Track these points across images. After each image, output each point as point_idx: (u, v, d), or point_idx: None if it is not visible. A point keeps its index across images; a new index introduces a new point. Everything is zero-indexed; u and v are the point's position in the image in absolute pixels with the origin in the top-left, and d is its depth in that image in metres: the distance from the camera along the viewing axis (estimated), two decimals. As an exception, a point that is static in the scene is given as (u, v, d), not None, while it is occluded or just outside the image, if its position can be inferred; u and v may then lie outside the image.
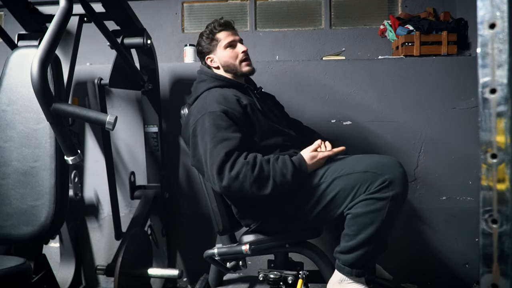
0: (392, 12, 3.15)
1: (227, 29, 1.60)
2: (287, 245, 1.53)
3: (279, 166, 1.34)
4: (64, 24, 1.21)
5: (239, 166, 1.31)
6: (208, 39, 1.60)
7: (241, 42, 1.62)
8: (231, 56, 1.58)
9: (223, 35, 1.59)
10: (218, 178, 1.31)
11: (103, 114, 1.19)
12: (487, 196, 0.62)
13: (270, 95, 1.78)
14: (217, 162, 1.31)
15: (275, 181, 1.32)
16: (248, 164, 1.31)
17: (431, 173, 2.08)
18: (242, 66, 1.59)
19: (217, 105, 1.42)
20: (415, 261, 2.09)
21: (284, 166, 1.34)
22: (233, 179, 1.30)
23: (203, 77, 1.60)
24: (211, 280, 1.75)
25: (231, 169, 1.30)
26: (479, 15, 0.61)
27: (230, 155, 1.32)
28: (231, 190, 1.32)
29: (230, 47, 1.59)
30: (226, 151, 1.32)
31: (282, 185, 1.33)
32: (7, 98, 1.48)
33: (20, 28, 1.73)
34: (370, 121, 2.10)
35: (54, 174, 1.41)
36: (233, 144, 1.34)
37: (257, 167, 1.32)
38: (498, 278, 0.61)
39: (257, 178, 1.31)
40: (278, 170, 1.33)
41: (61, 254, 2.11)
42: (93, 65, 2.37)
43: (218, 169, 1.31)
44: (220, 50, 1.59)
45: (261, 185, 1.32)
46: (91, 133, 2.22)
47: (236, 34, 1.62)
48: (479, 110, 0.62)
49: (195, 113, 1.47)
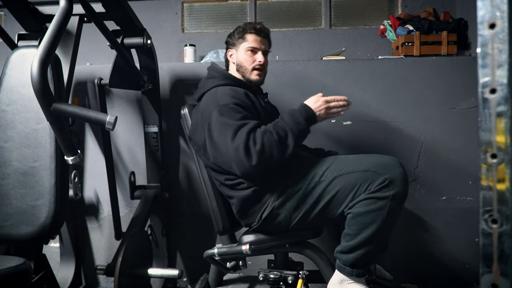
0: (392, 12, 3.15)
1: (258, 34, 1.62)
2: (287, 245, 1.53)
3: (289, 118, 1.39)
4: (64, 24, 1.21)
5: (260, 138, 1.33)
6: (238, 35, 1.63)
7: (264, 53, 1.63)
8: (247, 60, 1.60)
9: (251, 38, 1.61)
10: (247, 159, 1.32)
11: (103, 114, 1.19)
12: (487, 196, 0.62)
13: (273, 106, 1.79)
14: (242, 144, 1.32)
15: (293, 132, 1.36)
16: (265, 133, 1.34)
17: (431, 173, 2.08)
18: (252, 74, 1.61)
19: (229, 98, 1.44)
20: (415, 261, 2.09)
21: (293, 116, 1.39)
22: (260, 152, 1.31)
23: (213, 74, 1.61)
24: (211, 280, 1.75)
25: (255, 144, 1.32)
26: (479, 15, 0.61)
27: (250, 134, 1.34)
28: (263, 164, 1.33)
29: (251, 52, 1.61)
30: (247, 131, 1.34)
31: (300, 135, 1.38)
32: (7, 98, 1.48)
33: (20, 28, 1.73)
34: (370, 121, 2.10)
35: (54, 174, 1.41)
36: (251, 126, 1.36)
37: (273, 130, 1.35)
38: (498, 278, 0.61)
39: (279, 139, 1.34)
40: (290, 122, 1.38)
41: (61, 254, 2.11)
42: (93, 65, 2.37)
43: (244, 149, 1.32)
44: (241, 50, 1.62)
45: (284, 144, 1.35)
46: (91, 133, 2.22)
47: (264, 43, 1.63)
48: (479, 110, 0.61)
49: (207, 108, 1.46)
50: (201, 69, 1.72)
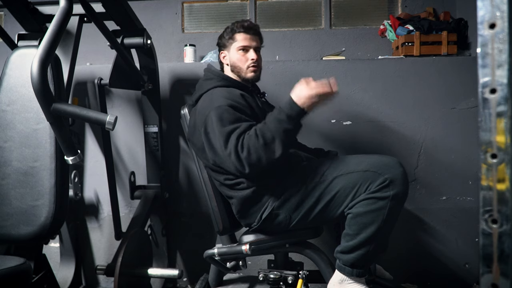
0: (392, 12, 3.15)
1: (247, 32, 1.61)
2: (287, 245, 1.53)
3: (272, 120, 1.36)
4: (64, 24, 1.21)
5: (246, 144, 1.33)
6: (228, 36, 1.63)
7: (256, 50, 1.62)
8: (240, 59, 1.60)
9: (240, 37, 1.61)
10: (240, 164, 1.33)
11: (103, 114, 1.19)
12: (487, 196, 0.62)
13: (271, 105, 1.79)
14: (233, 150, 1.33)
15: (279, 134, 1.34)
16: (250, 137, 1.34)
17: (431, 173, 2.08)
18: (247, 72, 1.61)
19: (223, 100, 1.44)
20: (415, 261, 2.09)
21: (275, 118, 1.36)
22: (248, 158, 1.32)
23: (210, 75, 1.61)
24: (211, 280, 1.75)
25: (242, 150, 1.33)
26: (479, 15, 0.61)
27: (239, 139, 1.35)
28: (254, 168, 1.33)
29: (242, 51, 1.60)
30: (236, 136, 1.35)
31: (286, 134, 1.34)
32: (7, 98, 1.48)
33: (20, 28, 1.73)
34: (370, 121, 2.10)
35: (54, 174, 1.41)
36: (241, 130, 1.36)
37: (259, 133, 1.34)
38: (498, 278, 0.61)
39: (264, 142, 1.32)
40: (273, 124, 1.35)
41: (61, 254, 2.11)
42: (93, 65, 2.37)
43: (235, 155, 1.33)
44: (233, 50, 1.61)
45: (271, 147, 1.33)
46: (91, 133, 2.22)
47: (254, 40, 1.63)
48: (479, 110, 0.61)
49: (202, 111, 1.48)
50: (201, 69, 1.72)
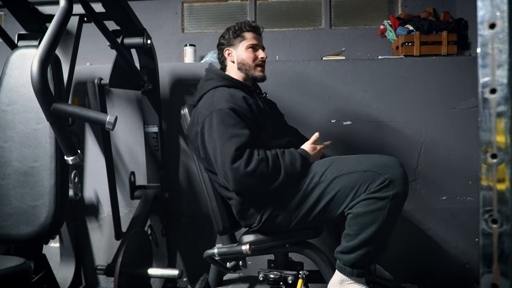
0: (392, 12, 3.14)
1: (256, 32, 1.64)
2: (287, 245, 1.53)
3: (288, 157, 1.41)
4: (64, 24, 1.21)
5: (255, 163, 1.34)
6: (234, 34, 1.63)
7: (263, 50, 1.65)
8: (249, 56, 1.61)
9: (250, 35, 1.63)
10: (231, 174, 1.34)
11: (103, 114, 1.19)
12: (487, 196, 0.62)
13: (272, 102, 1.79)
14: (228, 159, 1.34)
15: (286, 171, 1.38)
16: (262, 161, 1.35)
17: (431, 173, 2.08)
18: (256, 70, 1.62)
19: (224, 102, 1.44)
20: (415, 261, 2.09)
21: (293, 157, 1.42)
22: (249, 175, 1.33)
23: (211, 75, 1.61)
24: (211, 280, 1.75)
25: (247, 165, 1.33)
26: (479, 15, 0.61)
27: (242, 151, 1.35)
28: (245, 185, 1.36)
29: (251, 49, 1.62)
30: (236, 147, 1.35)
31: (292, 174, 1.39)
32: (7, 98, 1.48)
33: (20, 28, 1.73)
34: (370, 121, 2.10)
35: (54, 174, 1.41)
36: (243, 140, 1.37)
37: (270, 162, 1.37)
38: (498, 278, 0.61)
39: (272, 172, 1.36)
40: (287, 161, 1.40)
41: (61, 254, 2.11)
42: (93, 65, 2.37)
43: (230, 165, 1.33)
44: (241, 47, 1.62)
45: (273, 178, 1.37)
46: (91, 133, 2.22)
47: (261, 41, 1.67)
48: (479, 110, 0.61)
49: (202, 111, 1.48)
50: (201, 69, 1.72)
